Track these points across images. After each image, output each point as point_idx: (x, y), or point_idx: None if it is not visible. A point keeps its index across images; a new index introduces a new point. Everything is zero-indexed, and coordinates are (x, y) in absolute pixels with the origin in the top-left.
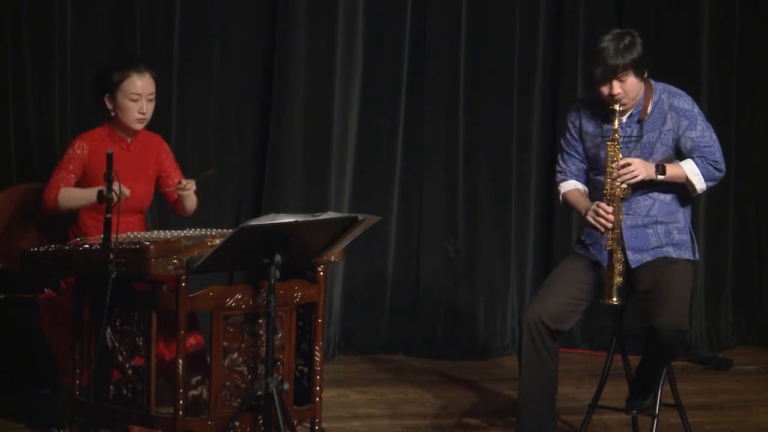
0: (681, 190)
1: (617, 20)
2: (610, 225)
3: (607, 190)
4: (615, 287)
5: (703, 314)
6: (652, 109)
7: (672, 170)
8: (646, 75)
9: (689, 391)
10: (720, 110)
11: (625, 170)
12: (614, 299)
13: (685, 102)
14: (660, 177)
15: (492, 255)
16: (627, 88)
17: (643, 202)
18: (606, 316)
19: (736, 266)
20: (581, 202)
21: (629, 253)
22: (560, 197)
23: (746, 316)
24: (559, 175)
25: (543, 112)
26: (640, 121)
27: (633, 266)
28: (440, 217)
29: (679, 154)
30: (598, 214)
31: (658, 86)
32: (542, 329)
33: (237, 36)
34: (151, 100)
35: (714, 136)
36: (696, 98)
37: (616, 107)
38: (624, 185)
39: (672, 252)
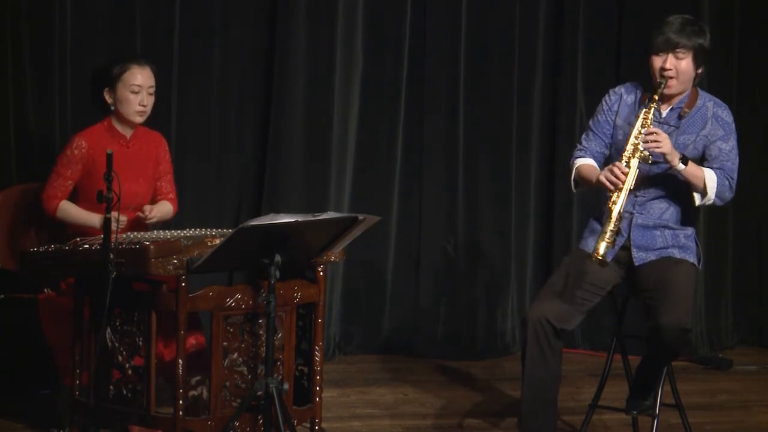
0: (692, 201)
1: (617, 20)
2: (621, 184)
3: (628, 150)
4: (604, 243)
5: (703, 314)
6: (695, 112)
7: (693, 167)
8: (700, 72)
9: (689, 391)
10: None
11: (652, 137)
12: (600, 253)
13: (728, 115)
14: (681, 167)
15: (492, 255)
16: (680, 68)
17: (658, 205)
18: (606, 316)
19: (736, 266)
20: (595, 172)
21: (634, 251)
22: (573, 172)
23: (746, 316)
24: (578, 152)
25: (543, 112)
26: (680, 117)
27: (636, 264)
28: (440, 217)
29: (701, 161)
30: (612, 172)
31: (704, 94)
32: (547, 328)
33: (237, 36)
34: (151, 94)
35: (738, 161)
36: None
37: (662, 82)
38: (646, 152)
39: (676, 253)
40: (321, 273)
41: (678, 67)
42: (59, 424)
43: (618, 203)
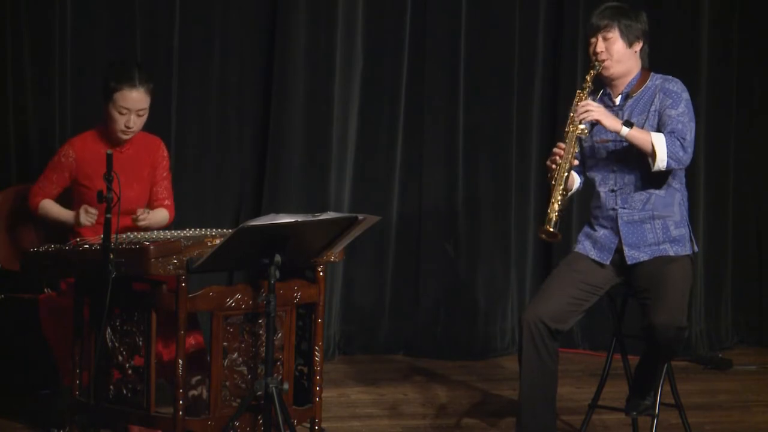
0: (667, 178)
1: None
2: (558, 159)
3: (567, 129)
4: (549, 218)
5: (703, 314)
6: (644, 92)
7: (638, 131)
8: (638, 50)
9: (689, 391)
10: (720, 110)
11: (582, 108)
12: (549, 227)
13: (675, 86)
14: (625, 130)
15: (492, 255)
16: (612, 48)
17: (639, 196)
18: (606, 317)
19: (736, 266)
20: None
21: (626, 249)
22: None
23: (746, 316)
24: None
25: (543, 112)
26: (627, 98)
27: (629, 263)
28: (440, 217)
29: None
30: (553, 153)
31: (657, 75)
32: (542, 329)
33: (237, 36)
34: (140, 115)
35: (692, 124)
36: (696, 98)
37: (597, 65)
38: (582, 125)
39: (670, 250)
40: (321, 273)
41: (609, 47)
42: (59, 424)
43: (556, 181)
